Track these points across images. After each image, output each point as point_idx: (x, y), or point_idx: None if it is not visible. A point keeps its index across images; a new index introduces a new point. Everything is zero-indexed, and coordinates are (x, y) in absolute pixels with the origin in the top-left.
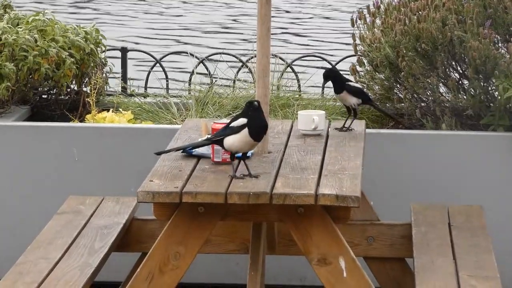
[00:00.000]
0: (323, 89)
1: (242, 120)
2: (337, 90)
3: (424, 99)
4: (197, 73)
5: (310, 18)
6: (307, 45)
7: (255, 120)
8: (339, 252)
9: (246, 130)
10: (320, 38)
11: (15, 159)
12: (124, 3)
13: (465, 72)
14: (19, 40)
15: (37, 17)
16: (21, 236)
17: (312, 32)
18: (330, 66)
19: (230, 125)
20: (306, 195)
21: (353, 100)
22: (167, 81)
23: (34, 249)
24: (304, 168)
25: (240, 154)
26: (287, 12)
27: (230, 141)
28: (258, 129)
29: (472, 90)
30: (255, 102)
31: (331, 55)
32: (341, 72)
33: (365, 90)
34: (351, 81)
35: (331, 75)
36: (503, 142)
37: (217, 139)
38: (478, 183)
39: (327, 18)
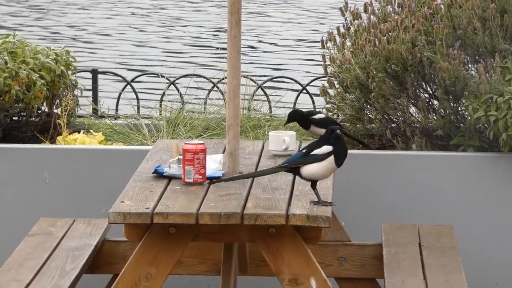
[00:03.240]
0: (286, 124)
1: (327, 148)
2: (306, 127)
3: (394, 119)
4: (168, 95)
5: (282, 39)
6: (278, 64)
7: (340, 147)
8: (311, 273)
9: (332, 157)
10: (291, 58)
11: None
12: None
13: (435, 93)
14: None
15: (7, 39)
16: None
17: (283, 53)
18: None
19: (312, 153)
20: (277, 215)
21: (322, 131)
22: (138, 102)
23: (5, 271)
24: (275, 188)
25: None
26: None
27: (314, 168)
28: (343, 157)
29: (442, 111)
30: (338, 130)
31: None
32: (311, 94)
33: (329, 114)
34: (314, 113)
35: (295, 116)
36: (473, 162)
37: (294, 166)
38: (448, 203)
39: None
